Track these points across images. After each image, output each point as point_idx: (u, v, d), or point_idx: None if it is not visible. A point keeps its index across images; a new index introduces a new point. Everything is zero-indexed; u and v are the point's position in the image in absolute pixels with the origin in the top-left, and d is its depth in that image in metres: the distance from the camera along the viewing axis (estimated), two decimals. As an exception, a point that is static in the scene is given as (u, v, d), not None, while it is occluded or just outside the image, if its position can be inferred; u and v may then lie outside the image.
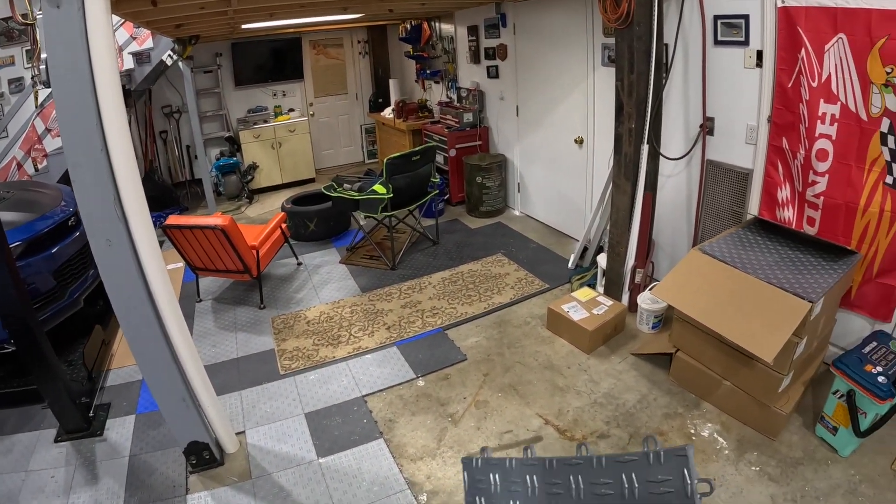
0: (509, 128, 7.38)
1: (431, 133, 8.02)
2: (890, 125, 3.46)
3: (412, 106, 8.84)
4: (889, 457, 3.50)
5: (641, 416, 3.97)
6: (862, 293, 3.95)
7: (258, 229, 5.85)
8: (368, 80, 10.38)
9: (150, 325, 3.14)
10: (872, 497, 3.25)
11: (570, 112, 6.20)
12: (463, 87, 8.05)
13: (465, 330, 5.09)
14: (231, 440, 3.78)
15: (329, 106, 10.24)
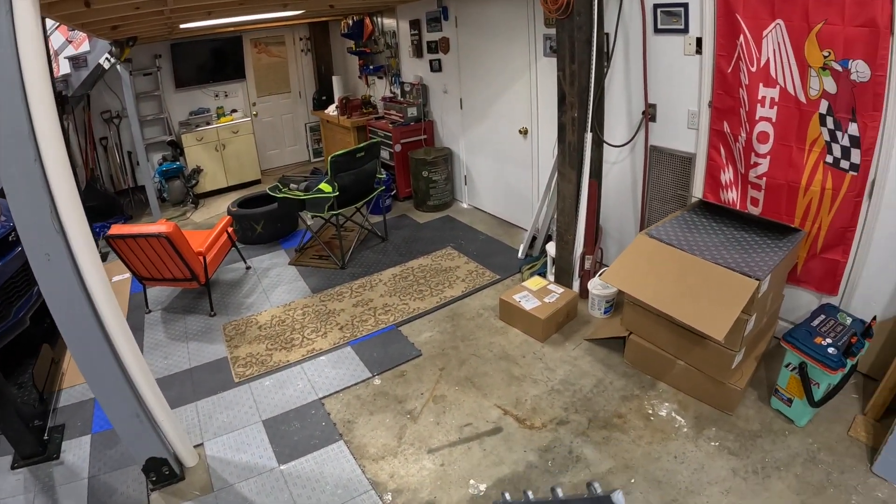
0: (454, 121, 7.32)
1: (376, 129, 7.91)
2: (828, 106, 3.51)
3: (356, 102, 8.72)
4: (845, 424, 3.58)
5: (599, 401, 3.97)
6: (808, 268, 4.03)
7: (204, 234, 5.68)
8: (311, 78, 10.19)
9: (97, 341, 2.99)
10: (831, 463, 3.32)
11: (513, 103, 6.17)
12: (406, 82, 7.96)
13: (419, 325, 5.03)
14: (190, 453, 3.65)
15: (272, 105, 10.00)
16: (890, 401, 3.50)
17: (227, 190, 9.19)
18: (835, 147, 3.58)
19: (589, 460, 3.50)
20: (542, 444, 3.66)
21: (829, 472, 3.27)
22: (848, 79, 3.37)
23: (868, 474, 3.23)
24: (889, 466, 3.19)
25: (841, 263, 3.84)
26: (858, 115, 3.40)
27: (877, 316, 3.65)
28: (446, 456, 3.62)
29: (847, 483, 3.20)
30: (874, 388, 3.60)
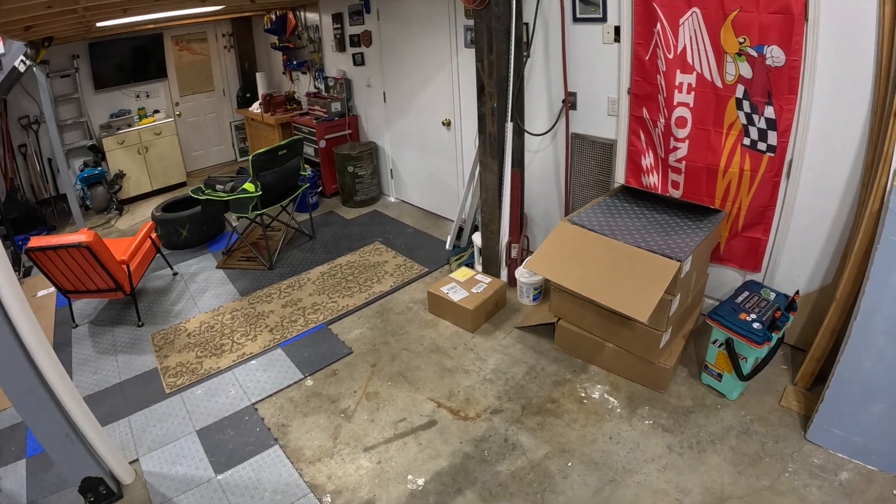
0: (378, 114, 7.19)
1: (300, 125, 7.71)
2: (745, 91, 3.56)
3: (279, 99, 8.46)
4: (776, 395, 3.66)
5: (531, 387, 3.95)
6: (730, 247, 4.09)
7: (127, 242, 5.36)
8: (235, 75, 9.82)
9: (18, 362, 2.81)
10: (765, 433, 3.39)
11: (436, 95, 6.08)
12: (330, 77, 7.77)
13: (349, 322, 4.91)
14: (125, 470, 3.47)
15: (196, 104, 9.58)
16: (818, 370, 3.58)
17: (153, 194, 8.75)
18: (752, 130, 3.63)
19: (525, 447, 3.48)
20: (478, 434, 3.61)
21: (764, 443, 3.33)
22: (763, 64, 3.42)
23: (802, 442, 3.31)
24: (822, 433, 3.27)
25: (762, 241, 3.91)
26: (774, 98, 3.45)
27: (799, 290, 3.73)
28: (382, 453, 3.54)
29: (782, 452, 3.26)
30: (802, 358, 3.68)
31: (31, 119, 7.85)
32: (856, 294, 3.14)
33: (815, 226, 3.70)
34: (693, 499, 3.05)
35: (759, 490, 3.06)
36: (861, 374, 3.06)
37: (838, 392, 3.16)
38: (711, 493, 3.07)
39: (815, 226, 3.70)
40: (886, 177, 3.02)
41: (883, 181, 3.05)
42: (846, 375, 3.11)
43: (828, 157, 3.49)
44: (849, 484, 3.05)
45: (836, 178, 3.51)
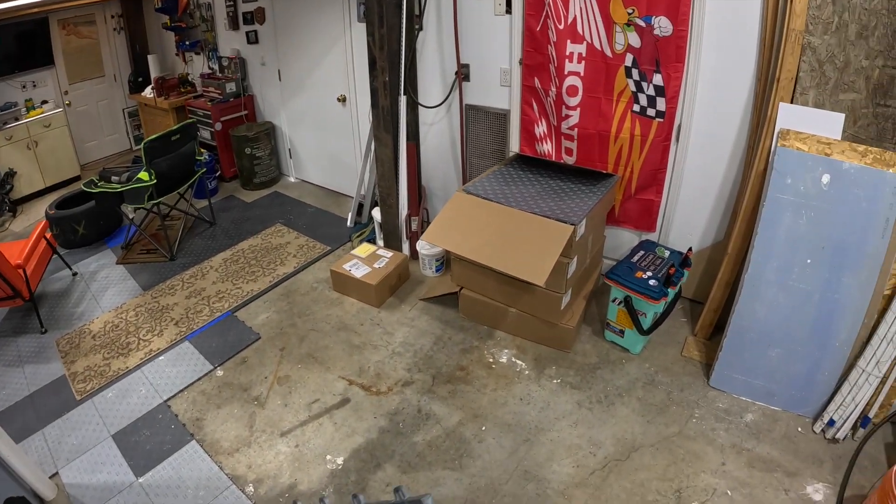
0: (273, 93, 6.92)
1: (195, 108, 7.31)
2: (633, 59, 3.60)
3: (172, 82, 7.98)
4: (678, 346, 3.79)
5: (440, 357, 3.93)
6: (625, 209, 4.16)
7: (21, 245, 4.94)
8: (126, 59, 9.10)
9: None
10: (670, 383, 3.50)
11: (330, 71, 5.90)
12: (224, 56, 7.38)
13: (254, 308, 4.73)
14: (47, 486, 3.25)
15: (86, 92, 8.82)
16: (716, 320, 3.72)
17: (46, 191, 8.06)
18: (641, 97, 3.68)
19: (438, 416, 3.47)
20: (391, 407, 3.58)
21: (670, 392, 3.44)
22: (651, 34, 3.46)
23: (706, 388, 3.44)
24: (724, 379, 3.41)
25: (655, 202, 4.00)
26: (662, 66, 3.51)
27: (693, 247, 3.83)
28: (299, 436, 3.46)
29: (688, 399, 3.38)
30: (700, 310, 3.81)
31: None
32: (746, 248, 3.28)
33: (705, 186, 3.81)
34: (606, 450, 3.12)
35: (669, 437, 3.15)
36: (756, 322, 3.20)
37: (736, 339, 3.30)
38: (623, 444, 3.14)
39: (705, 186, 3.81)
40: (770, 139, 3.16)
41: (767, 143, 3.18)
42: (742, 324, 3.25)
43: (715, 122, 3.59)
44: (755, 424, 3.18)
45: (724, 140, 3.61)
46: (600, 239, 4.15)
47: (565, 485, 2.97)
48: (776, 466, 2.95)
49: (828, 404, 3.12)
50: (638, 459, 3.05)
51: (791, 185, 2.95)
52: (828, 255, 2.96)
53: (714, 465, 2.99)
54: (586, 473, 3.02)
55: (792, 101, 3.17)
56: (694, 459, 3.01)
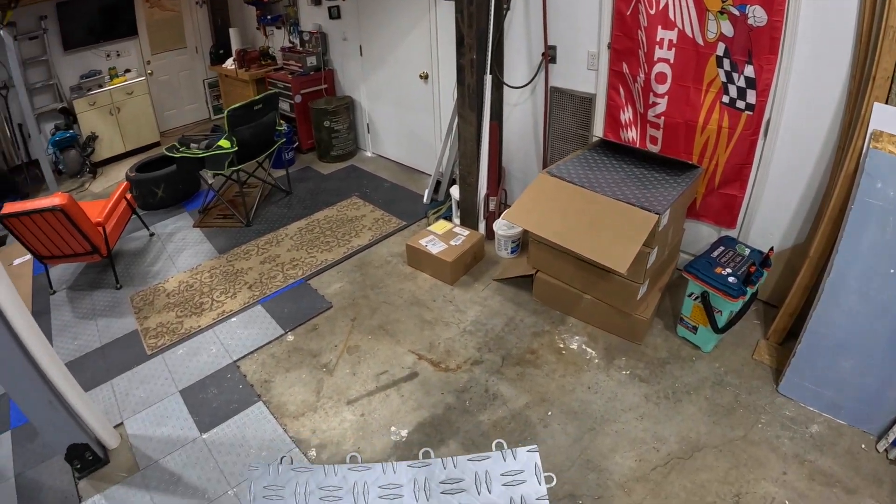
0: (354, 68, 7.03)
1: (275, 80, 7.50)
2: (725, 49, 3.52)
3: (253, 54, 8.21)
4: (749, 348, 3.70)
5: (511, 338, 3.97)
6: (706, 203, 4.09)
7: (102, 204, 5.21)
8: (208, 31, 9.41)
9: (-1, 333, 2.73)
10: (739, 385, 3.44)
11: (413, 48, 5.95)
12: (305, 31, 7.54)
13: (328, 277, 4.86)
14: (111, 435, 3.42)
15: (168, 62, 9.16)
16: (790, 326, 3.62)
17: (126, 155, 8.46)
18: (731, 88, 3.61)
19: (506, 397, 3.50)
20: (459, 385, 3.63)
21: (738, 394, 3.38)
22: (745, 23, 3.38)
23: (774, 394, 3.36)
24: (793, 386, 3.32)
25: (738, 198, 3.92)
26: (755, 57, 3.42)
27: (774, 247, 3.74)
28: (365, 406, 3.55)
29: (755, 403, 3.31)
30: (775, 314, 3.71)
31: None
32: (829, 252, 3.17)
33: (791, 184, 3.71)
34: (670, 447, 3.10)
35: (733, 440, 3.11)
36: (832, 331, 3.10)
37: (810, 347, 3.21)
38: (687, 442, 3.12)
39: (791, 184, 3.71)
40: (862, 140, 3.05)
41: (859, 144, 3.07)
42: (818, 331, 3.15)
43: (805, 118, 3.48)
44: (819, 436, 3.11)
45: (813, 138, 3.51)
46: (680, 231, 4.11)
47: (626, 478, 2.97)
48: (836, 482, 2.89)
49: (894, 424, 3.03)
50: (700, 459, 3.03)
51: (881, 190, 2.85)
52: (913, 267, 2.85)
53: (775, 473, 2.95)
54: (648, 468, 3.01)
55: (887, 102, 3.05)
56: (756, 465, 2.98)
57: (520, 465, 2.09)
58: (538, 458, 2.08)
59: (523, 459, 2.09)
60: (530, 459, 2.08)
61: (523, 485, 2.02)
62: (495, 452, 2.13)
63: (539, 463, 2.08)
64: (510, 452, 2.08)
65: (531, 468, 2.06)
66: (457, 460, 2.12)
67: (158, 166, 6.50)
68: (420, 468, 2.08)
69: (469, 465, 2.08)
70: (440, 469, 2.07)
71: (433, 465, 2.09)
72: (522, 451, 2.09)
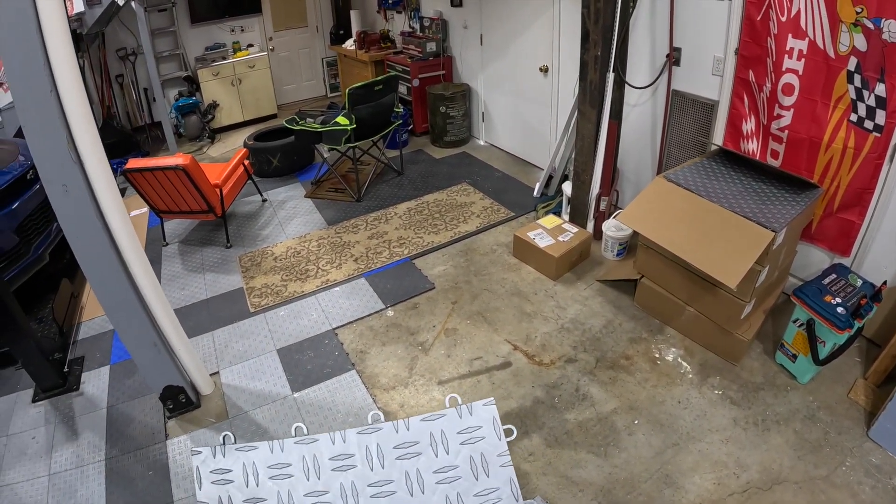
0: (473, 57, 7.16)
1: (394, 63, 7.77)
2: (857, 64, 3.40)
3: (374, 37, 8.48)
4: (846, 386, 3.57)
5: (607, 341, 4.00)
6: (822, 227, 3.96)
7: (220, 167, 5.62)
8: (329, 12, 9.88)
9: (115, 273, 2.99)
10: (830, 423, 3.32)
11: (535, 40, 6.02)
12: (426, 17, 7.75)
13: (432, 259, 5.03)
14: (206, 382, 3.70)
15: (289, 40, 9.73)
16: (891, 368, 3.48)
17: (244, 125, 9.07)
18: (860, 106, 3.47)
19: (595, 399, 3.55)
20: (550, 380, 3.70)
21: (827, 432, 3.28)
22: (879, 37, 3.25)
23: (864, 438, 3.24)
24: (884, 433, 3.19)
25: (856, 225, 3.76)
26: (887, 75, 3.28)
27: (887, 281, 3.61)
28: (456, 388, 3.66)
29: (843, 444, 3.21)
30: (877, 353, 3.56)
31: (128, 51, 8.17)
32: None
33: None
34: (750, 475, 3.06)
35: (815, 478, 3.04)
36: None
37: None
38: (769, 473, 3.07)
39: None
40: None
41: None
42: None
43: None
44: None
45: None
46: (792, 253, 4.01)
47: (701, 499, 2.95)
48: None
49: None
50: (779, 493, 2.97)
51: None
52: None
53: (850, 520, 2.86)
54: (725, 493, 2.98)
55: None
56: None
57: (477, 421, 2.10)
58: (496, 412, 2.08)
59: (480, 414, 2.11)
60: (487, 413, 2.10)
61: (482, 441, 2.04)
62: (450, 409, 2.12)
63: (497, 416, 2.07)
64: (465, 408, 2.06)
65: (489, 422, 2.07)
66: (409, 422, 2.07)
67: (276, 136, 6.94)
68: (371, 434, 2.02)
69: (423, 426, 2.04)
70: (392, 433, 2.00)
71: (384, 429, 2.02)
72: (479, 404, 2.10)
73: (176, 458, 3.31)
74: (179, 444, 3.38)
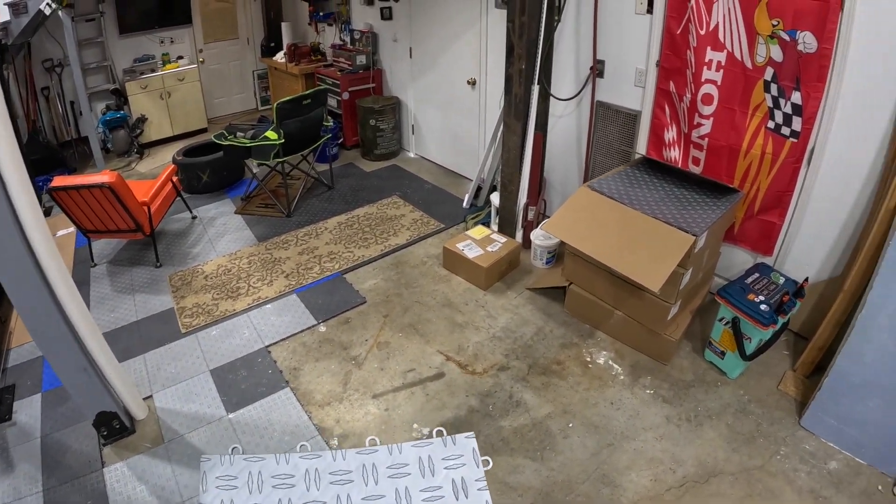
0: (403, 70, 7.13)
1: (324, 76, 7.67)
2: (773, 74, 3.51)
3: (304, 49, 8.36)
4: (776, 378, 3.67)
5: (539, 348, 4.00)
6: (744, 229, 4.07)
7: (148, 184, 5.39)
8: (260, 24, 9.64)
9: (41, 297, 2.84)
10: (762, 415, 3.41)
11: (463, 53, 6.02)
12: (356, 30, 7.68)
13: (363, 273, 4.95)
14: (139, 406, 3.55)
15: (219, 52, 9.43)
16: (819, 359, 3.57)
17: (173, 139, 8.72)
18: (777, 113, 3.59)
19: (529, 405, 3.54)
20: (484, 389, 3.68)
21: (759, 423, 3.36)
22: (795, 49, 3.36)
23: (796, 427, 3.33)
24: (816, 421, 3.28)
25: (777, 225, 3.89)
26: (802, 84, 3.40)
27: (808, 278, 3.72)
28: (390, 401, 3.61)
29: (776, 434, 3.29)
30: (804, 346, 3.67)
31: (54, 62, 7.74)
32: (864, 287, 3.09)
33: (831, 216, 3.65)
34: (686, 469, 3.10)
35: (751, 469, 3.10)
36: (861, 368, 3.03)
37: (836, 383, 3.15)
38: (704, 467, 3.11)
39: (831, 216, 3.65)
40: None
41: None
42: (846, 368, 3.09)
43: (850, 149, 3.43)
44: (836, 473, 3.07)
45: (856, 170, 3.45)
46: (715, 255, 4.11)
47: (640, 496, 2.97)
48: (848, 521, 2.86)
49: None
50: (715, 485, 3.01)
51: None
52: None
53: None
54: (662, 489, 3.01)
55: None
56: (770, 497, 2.95)
57: (459, 450, 2.31)
58: (475, 444, 2.29)
59: (462, 444, 2.31)
60: (468, 444, 2.31)
61: (463, 468, 2.24)
62: (437, 439, 2.32)
63: (476, 447, 2.28)
64: (450, 439, 2.30)
65: (469, 453, 2.28)
66: (401, 447, 2.29)
67: (205, 152, 6.70)
68: (368, 455, 2.21)
69: (413, 451, 2.28)
70: (386, 455, 2.22)
71: (380, 451, 2.23)
72: (461, 437, 2.33)
73: (114, 485, 3.15)
74: (116, 471, 3.22)
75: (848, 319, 3.25)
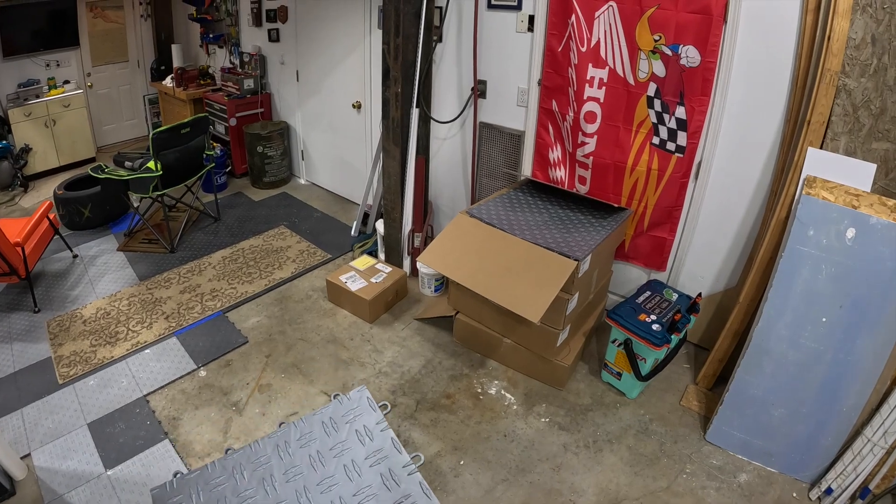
0: (290, 93, 6.79)
1: (212, 101, 7.20)
2: (657, 89, 3.43)
3: (192, 73, 7.87)
4: (677, 394, 3.60)
5: (427, 381, 3.77)
6: (636, 245, 3.98)
7: (23, 223, 4.84)
8: (151, 46, 9.02)
9: None
10: (664, 434, 3.32)
11: (348, 76, 5.75)
12: (245, 52, 7.29)
13: (246, 310, 4.58)
14: (18, 466, 3.18)
15: (109, 75, 8.74)
16: (720, 371, 3.54)
17: (60, 170, 7.95)
18: (661, 129, 3.51)
19: (417, 444, 3.31)
20: (368, 430, 3.37)
21: (663, 443, 3.27)
22: (678, 63, 3.29)
23: (702, 443, 3.27)
24: (721, 434, 3.23)
25: (668, 241, 3.83)
26: (686, 98, 3.33)
27: (703, 291, 3.69)
28: (272, 449, 3.28)
29: (681, 452, 3.20)
30: (706, 357, 3.63)
31: None
32: (759, 299, 3.10)
33: (722, 228, 3.62)
34: (587, 499, 2.95)
35: (656, 491, 2.97)
36: (761, 378, 3.01)
37: (738, 395, 3.11)
38: (606, 494, 2.97)
39: (722, 228, 3.62)
40: (795, 186, 2.96)
41: (791, 190, 2.99)
42: (747, 379, 3.06)
43: (738, 162, 3.40)
44: (748, 486, 3.01)
45: (746, 182, 3.42)
46: (607, 274, 3.96)
47: None
48: (766, 533, 2.75)
49: (827, 471, 2.94)
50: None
51: (813, 237, 2.75)
52: (845, 315, 2.74)
53: (699, 526, 2.80)
54: None
55: (822, 147, 2.98)
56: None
57: (354, 404, 2.41)
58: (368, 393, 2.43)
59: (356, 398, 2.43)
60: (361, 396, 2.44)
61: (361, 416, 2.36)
62: (333, 401, 2.43)
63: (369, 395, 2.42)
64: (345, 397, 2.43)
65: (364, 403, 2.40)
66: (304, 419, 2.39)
67: (88, 185, 6.10)
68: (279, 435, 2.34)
69: (315, 418, 2.38)
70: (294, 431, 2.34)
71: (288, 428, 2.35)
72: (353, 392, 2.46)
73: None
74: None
75: (746, 330, 3.24)
